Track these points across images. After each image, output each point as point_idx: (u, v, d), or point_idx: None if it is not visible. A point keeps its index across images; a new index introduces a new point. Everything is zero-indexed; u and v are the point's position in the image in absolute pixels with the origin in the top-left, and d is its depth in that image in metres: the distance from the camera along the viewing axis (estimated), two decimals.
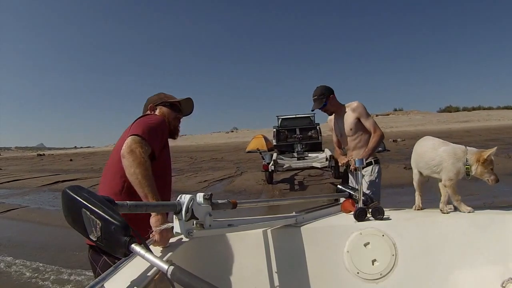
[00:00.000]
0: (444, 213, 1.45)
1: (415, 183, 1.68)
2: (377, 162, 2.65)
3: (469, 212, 1.42)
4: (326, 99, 2.68)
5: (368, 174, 2.58)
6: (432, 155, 1.52)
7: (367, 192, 2.51)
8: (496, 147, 1.45)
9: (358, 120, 2.62)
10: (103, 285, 0.80)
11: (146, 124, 1.40)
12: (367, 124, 2.60)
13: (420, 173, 1.65)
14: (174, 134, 1.66)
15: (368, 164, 2.59)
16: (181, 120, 1.71)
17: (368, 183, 2.57)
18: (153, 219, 1.15)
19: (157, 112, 1.63)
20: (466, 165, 1.43)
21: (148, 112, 1.64)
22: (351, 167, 2.58)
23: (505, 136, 17.57)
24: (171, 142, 1.63)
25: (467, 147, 1.47)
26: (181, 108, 1.70)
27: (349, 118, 2.65)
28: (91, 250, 1.37)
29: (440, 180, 1.53)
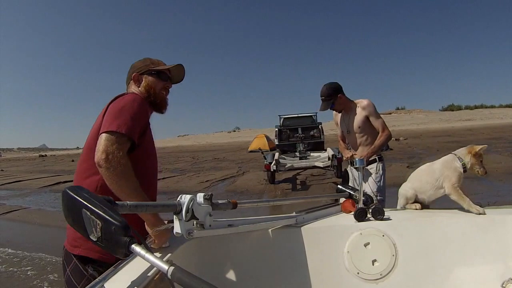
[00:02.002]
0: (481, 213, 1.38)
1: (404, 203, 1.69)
2: (381, 159, 2.66)
3: (480, 213, 1.37)
4: (334, 100, 2.68)
5: (374, 171, 2.60)
6: (430, 171, 1.60)
7: (374, 189, 2.53)
8: (486, 145, 1.57)
9: (367, 118, 2.62)
10: (103, 285, 0.80)
11: (122, 112, 1.18)
12: (376, 123, 2.61)
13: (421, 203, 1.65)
14: (161, 107, 1.43)
15: (373, 161, 2.61)
16: (170, 90, 1.47)
17: (374, 180, 2.59)
18: (150, 229, 1.11)
19: (141, 85, 1.39)
20: (462, 162, 1.52)
21: (132, 82, 1.41)
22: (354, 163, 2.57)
23: (508, 134, 17.50)
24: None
25: (453, 152, 1.59)
26: (170, 76, 1.45)
27: (358, 116, 2.65)
28: (65, 250, 1.27)
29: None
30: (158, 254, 1.04)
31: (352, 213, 1.45)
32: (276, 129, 9.82)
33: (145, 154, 1.29)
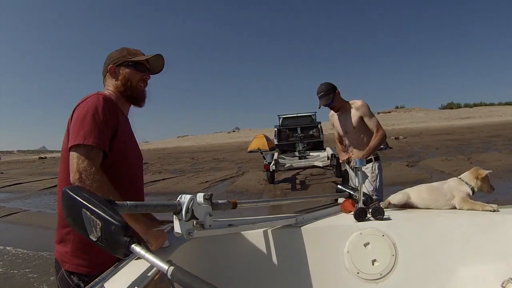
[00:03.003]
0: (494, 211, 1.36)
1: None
2: (377, 159, 2.69)
3: (495, 210, 1.35)
4: (333, 96, 2.69)
5: (369, 171, 2.62)
6: (436, 192, 1.53)
7: (370, 188, 2.55)
8: (491, 170, 1.53)
9: (362, 119, 2.65)
10: (103, 285, 0.80)
11: (86, 121, 1.12)
12: (370, 123, 2.63)
13: None
14: (139, 100, 1.35)
15: (369, 161, 2.63)
16: (149, 81, 1.38)
17: (370, 180, 2.60)
18: (143, 234, 1.09)
19: (118, 78, 1.31)
20: (470, 187, 1.51)
21: (108, 74, 1.33)
22: (351, 163, 2.61)
23: (508, 132, 17.52)
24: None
25: (458, 177, 1.57)
26: (149, 66, 1.37)
27: (354, 116, 2.69)
28: (56, 259, 1.26)
29: None
30: (158, 254, 1.04)
31: (352, 213, 1.44)
32: (275, 129, 9.81)
33: (119, 154, 1.23)
